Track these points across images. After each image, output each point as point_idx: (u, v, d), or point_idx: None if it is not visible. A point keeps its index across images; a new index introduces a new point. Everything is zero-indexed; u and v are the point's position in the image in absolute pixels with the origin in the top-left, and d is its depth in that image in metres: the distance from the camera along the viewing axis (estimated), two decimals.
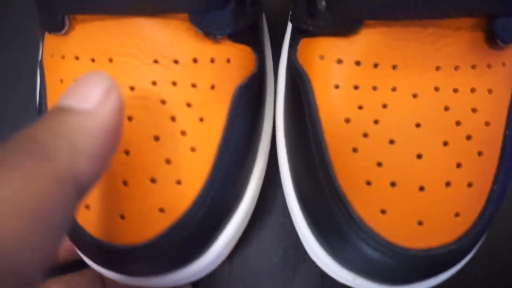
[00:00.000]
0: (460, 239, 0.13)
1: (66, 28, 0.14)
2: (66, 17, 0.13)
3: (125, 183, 0.13)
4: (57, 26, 0.14)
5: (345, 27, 0.13)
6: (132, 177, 0.13)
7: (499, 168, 0.14)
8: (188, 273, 0.14)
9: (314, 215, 0.15)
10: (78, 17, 0.14)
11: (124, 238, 0.12)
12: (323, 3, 0.14)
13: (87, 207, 0.13)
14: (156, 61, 0.14)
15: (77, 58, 0.14)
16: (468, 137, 0.14)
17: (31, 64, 0.19)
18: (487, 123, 0.14)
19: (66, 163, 0.09)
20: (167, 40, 0.14)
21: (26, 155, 0.09)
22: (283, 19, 0.19)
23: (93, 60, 0.14)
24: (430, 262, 0.13)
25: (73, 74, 0.14)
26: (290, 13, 0.17)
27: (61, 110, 0.10)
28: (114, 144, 0.11)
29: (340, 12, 0.13)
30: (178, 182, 0.13)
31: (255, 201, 0.16)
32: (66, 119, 0.10)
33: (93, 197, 0.13)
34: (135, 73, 0.14)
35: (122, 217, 0.12)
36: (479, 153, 0.14)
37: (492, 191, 0.13)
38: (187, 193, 0.13)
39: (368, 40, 0.13)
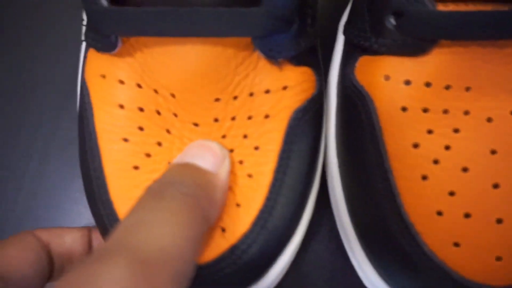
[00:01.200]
0: None
1: (118, 49, 0.13)
2: (119, 38, 0.13)
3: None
4: (109, 47, 0.13)
5: (416, 47, 0.13)
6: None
7: None
8: None
9: (374, 245, 0.14)
10: (133, 40, 0.13)
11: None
12: (392, 21, 0.13)
13: None
14: (217, 99, 0.14)
15: (139, 86, 0.14)
16: None
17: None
18: None
19: (206, 208, 0.11)
20: (229, 78, 0.14)
21: (180, 201, 0.11)
22: (330, 30, 0.18)
23: (156, 92, 0.14)
24: None
25: (136, 103, 0.14)
26: (344, 27, 0.17)
27: (192, 167, 0.12)
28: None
29: (413, 32, 0.12)
30: (238, 205, 0.13)
31: (307, 226, 0.16)
32: (198, 174, 0.12)
33: None
34: (199, 110, 0.14)
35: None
36: None
37: None
38: (245, 215, 0.13)
39: (440, 60, 0.13)
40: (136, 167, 0.13)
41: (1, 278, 0.12)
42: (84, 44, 0.18)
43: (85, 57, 0.16)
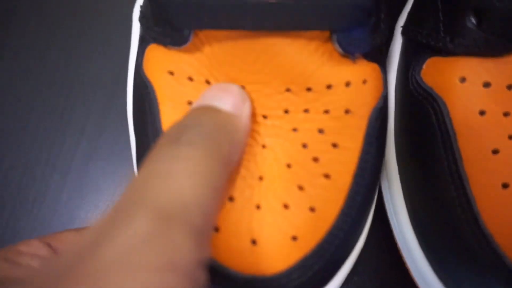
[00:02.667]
0: None
1: (189, 43, 0.13)
2: (192, 32, 0.13)
3: (257, 207, 0.12)
4: (180, 41, 0.13)
5: (499, 47, 0.12)
6: (265, 202, 0.12)
7: None
8: None
9: (444, 260, 0.13)
10: (202, 35, 0.13)
11: (254, 267, 0.11)
12: (473, 20, 0.12)
13: (216, 229, 0.12)
14: (288, 90, 0.13)
15: (208, 82, 0.13)
16: None
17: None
18: None
19: (227, 152, 0.10)
20: (300, 68, 0.13)
21: (200, 146, 0.10)
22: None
23: None
24: None
25: None
26: (404, 28, 0.16)
27: (211, 109, 0.11)
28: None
29: (499, 30, 0.12)
30: (312, 210, 0.12)
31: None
32: (218, 116, 0.11)
33: (223, 220, 0.12)
34: (268, 101, 0.13)
35: (254, 242, 0.12)
36: None
37: None
38: (320, 222, 0.12)
39: None
40: None
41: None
42: (134, 41, 0.18)
43: (140, 53, 0.15)
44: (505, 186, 0.12)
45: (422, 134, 0.14)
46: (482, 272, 0.12)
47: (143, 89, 0.15)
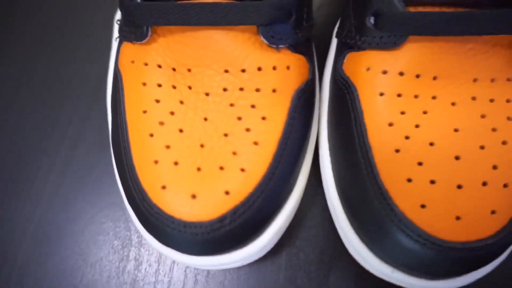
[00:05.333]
0: (496, 234, 0.14)
1: (148, 38, 0.16)
2: (150, 28, 0.16)
3: (198, 169, 0.15)
4: (140, 36, 0.16)
5: (390, 41, 0.15)
6: (205, 165, 0.15)
7: None
8: (242, 255, 0.16)
9: (356, 212, 0.16)
10: (160, 30, 0.16)
11: (195, 216, 0.14)
12: (372, 21, 0.15)
13: (164, 187, 0.15)
14: (226, 71, 0.16)
15: (159, 66, 0.16)
16: (504, 143, 0.15)
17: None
18: None
19: None
20: (236, 53, 0.16)
21: None
22: (325, 36, 0.21)
23: (174, 70, 0.16)
24: (467, 255, 0.14)
25: (156, 80, 0.16)
26: (336, 30, 0.19)
27: None
28: None
29: (388, 29, 0.15)
30: (242, 170, 0.15)
31: (300, 198, 0.18)
32: None
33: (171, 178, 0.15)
34: (210, 81, 0.16)
35: (194, 196, 0.14)
36: None
37: None
38: (250, 180, 0.15)
39: (412, 54, 0.15)
40: (151, 135, 0.15)
41: None
42: (115, 43, 0.21)
43: (117, 52, 0.19)
44: (397, 151, 0.15)
45: (342, 113, 0.17)
46: (380, 221, 0.15)
47: (116, 80, 0.18)
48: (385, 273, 0.16)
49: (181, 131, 0.16)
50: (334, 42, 0.20)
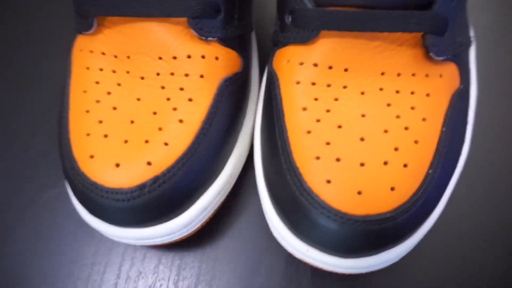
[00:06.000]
0: (395, 210, 0.15)
1: (94, 28, 0.18)
2: (95, 19, 0.18)
3: (125, 141, 0.16)
4: (87, 26, 0.18)
5: (305, 36, 0.17)
6: (132, 138, 0.16)
7: (435, 155, 0.16)
8: (166, 229, 0.16)
9: (275, 191, 0.17)
10: (105, 22, 0.18)
11: (118, 182, 0.15)
12: (290, 19, 0.17)
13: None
14: (160, 58, 0.18)
15: (103, 53, 0.18)
16: (406, 128, 0.16)
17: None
18: (424, 119, 0.16)
19: None
20: (169, 42, 0.18)
21: None
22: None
23: (115, 56, 0.18)
24: (370, 228, 0.15)
25: (98, 65, 0.18)
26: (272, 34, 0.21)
27: None
28: None
29: (300, 25, 0.17)
30: (166, 144, 0.16)
31: (231, 182, 0.19)
32: None
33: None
34: (145, 67, 0.18)
35: (118, 165, 0.16)
36: (416, 142, 0.16)
37: (428, 174, 0.16)
38: (172, 153, 0.16)
39: (324, 48, 0.17)
40: (87, 111, 0.17)
41: None
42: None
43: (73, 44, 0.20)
44: (308, 132, 0.16)
45: (268, 102, 0.18)
46: (293, 197, 0.16)
47: (68, 66, 0.19)
48: (301, 251, 0.16)
49: (114, 108, 0.17)
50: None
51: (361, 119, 0.16)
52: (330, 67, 0.17)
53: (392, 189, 0.15)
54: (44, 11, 0.29)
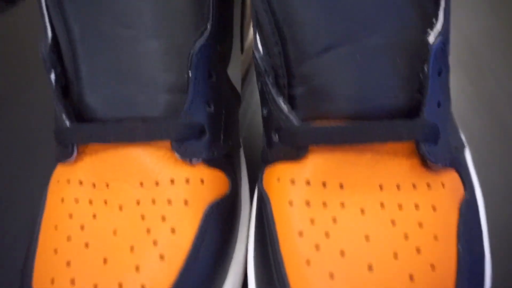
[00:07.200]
0: None
1: (75, 156, 0.17)
2: (75, 147, 0.17)
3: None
4: (67, 155, 0.17)
5: (294, 153, 0.16)
6: (103, 282, 0.14)
7: (457, 282, 0.14)
8: None
9: None
10: (86, 149, 0.17)
11: None
12: (276, 136, 0.17)
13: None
14: (141, 184, 0.16)
15: (80, 182, 0.17)
16: (418, 250, 0.14)
17: None
18: (435, 237, 0.14)
19: None
20: (151, 166, 0.17)
21: None
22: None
23: (94, 185, 0.17)
24: None
25: (74, 195, 0.17)
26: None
27: None
28: None
29: (288, 142, 0.16)
30: (143, 287, 0.14)
31: None
32: None
33: None
34: (125, 195, 0.16)
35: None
36: (432, 266, 0.14)
37: None
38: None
39: (315, 163, 0.16)
40: (55, 251, 0.15)
41: None
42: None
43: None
44: (308, 263, 0.14)
45: (261, 225, 0.17)
46: None
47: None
48: None
49: (86, 245, 0.15)
50: None
51: (366, 243, 0.14)
52: (324, 184, 0.16)
53: None
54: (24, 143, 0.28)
